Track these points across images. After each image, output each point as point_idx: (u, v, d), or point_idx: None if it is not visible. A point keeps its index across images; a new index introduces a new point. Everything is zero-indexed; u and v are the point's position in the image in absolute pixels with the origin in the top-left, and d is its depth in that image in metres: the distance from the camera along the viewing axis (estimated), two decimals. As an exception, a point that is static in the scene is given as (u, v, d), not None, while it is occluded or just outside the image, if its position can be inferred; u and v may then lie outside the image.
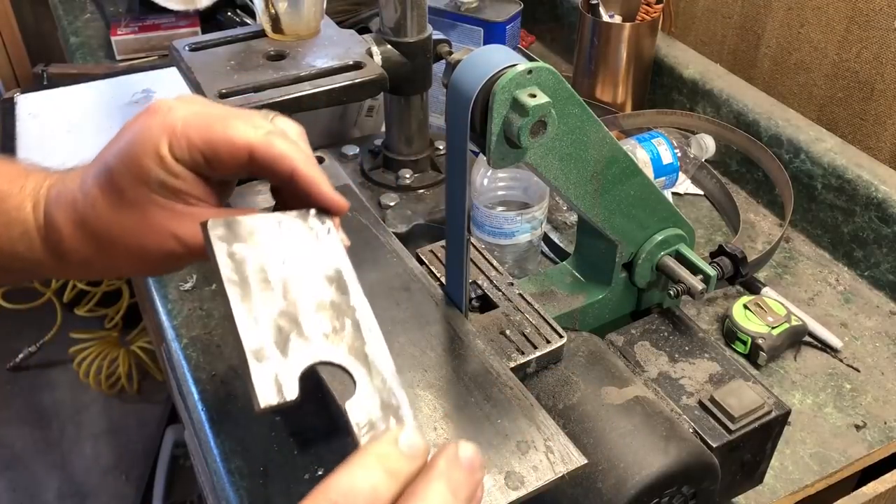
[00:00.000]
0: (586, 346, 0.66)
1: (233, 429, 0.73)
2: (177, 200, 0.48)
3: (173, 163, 0.46)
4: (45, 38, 2.06)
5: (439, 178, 0.95)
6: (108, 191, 0.48)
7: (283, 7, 0.85)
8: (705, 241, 0.99)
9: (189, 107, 0.48)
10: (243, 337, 0.41)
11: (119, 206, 0.47)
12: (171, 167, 0.47)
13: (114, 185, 0.47)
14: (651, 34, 1.12)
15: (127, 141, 0.47)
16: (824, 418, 0.78)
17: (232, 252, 0.44)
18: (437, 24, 0.96)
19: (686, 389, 0.65)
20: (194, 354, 0.81)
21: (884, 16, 0.95)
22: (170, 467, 1.77)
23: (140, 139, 0.46)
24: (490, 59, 0.56)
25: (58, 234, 0.49)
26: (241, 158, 0.47)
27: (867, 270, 0.94)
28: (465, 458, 0.38)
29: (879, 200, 0.91)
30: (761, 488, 0.71)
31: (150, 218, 0.47)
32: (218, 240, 0.45)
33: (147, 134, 0.46)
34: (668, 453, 0.57)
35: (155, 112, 0.47)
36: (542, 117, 0.56)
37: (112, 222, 0.48)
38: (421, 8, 0.85)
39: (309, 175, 0.47)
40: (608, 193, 0.66)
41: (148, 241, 0.48)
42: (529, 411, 0.54)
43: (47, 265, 0.51)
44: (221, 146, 0.46)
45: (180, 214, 0.48)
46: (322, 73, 0.83)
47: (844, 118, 1.04)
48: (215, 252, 0.44)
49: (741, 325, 0.83)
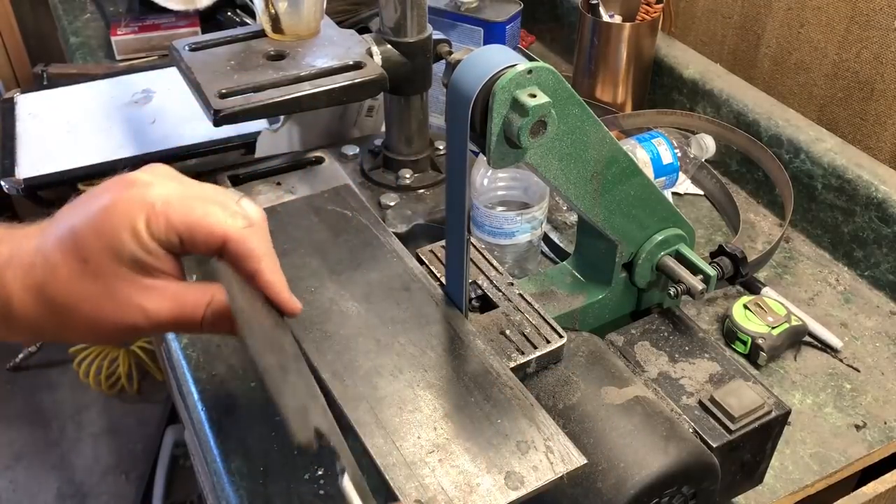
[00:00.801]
0: (586, 346, 0.66)
1: (233, 429, 0.73)
2: (144, 275, 0.48)
3: (149, 240, 0.47)
4: (45, 38, 2.06)
5: (439, 178, 0.95)
6: (72, 258, 0.47)
7: (283, 7, 0.85)
8: (705, 241, 0.99)
9: (166, 184, 0.48)
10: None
11: (82, 275, 0.46)
12: (146, 244, 0.47)
13: (79, 253, 0.46)
14: (651, 34, 1.12)
15: (99, 210, 0.47)
16: (824, 418, 0.78)
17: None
18: (437, 24, 0.96)
19: (686, 389, 0.65)
20: (194, 354, 0.81)
21: (884, 16, 0.95)
22: (170, 467, 1.77)
23: (115, 211, 0.46)
24: (490, 59, 0.56)
25: (6, 298, 0.47)
26: (214, 245, 0.48)
27: (867, 270, 0.94)
28: None
29: (879, 200, 0.91)
30: (761, 488, 0.71)
31: (114, 289, 0.47)
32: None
33: (123, 207, 0.46)
34: (668, 453, 0.57)
35: (132, 185, 0.47)
36: (542, 117, 0.56)
37: (73, 290, 0.47)
38: (421, 8, 0.85)
39: (270, 280, 0.50)
40: (608, 193, 0.66)
41: (108, 311, 0.47)
42: (529, 411, 0.54)
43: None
44: (199, 231, 0.47)
45: (147, 287, 0.48)
46: (322, 73, 0.83)
47: (844, 118, 1.04)
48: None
49: (741, 325, 0.83)
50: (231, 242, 0.48)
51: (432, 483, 0.50)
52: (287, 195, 0.89)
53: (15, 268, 0.47)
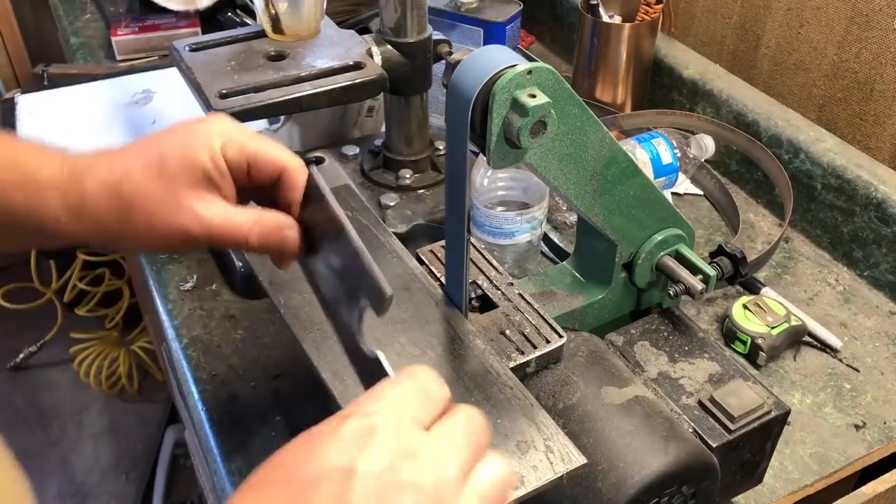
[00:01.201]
0: (586, 346, 0.66)
1: (233, 429, 0.73)
2: (207, 190, 0.54)
3: (221, 161, 0.54)
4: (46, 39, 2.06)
5: (439, 178, 0.95)
6: (149, 164, 0.54)
7: (283, 7, 0.85)
8: (705, 241, 0.99)
9: (237, 125, 0.57)
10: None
11: (155, 178, 0.53)
12: (219, 163, 0.54)
13: (157, 161, 0.54)
14: (651, 34, 1.12)
15: (182, 130, 0.55)
16: (824, 418, 0.78)
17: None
18: (437, 24, 0.96)
19: (686, 389, 0.65)
20: (194, 354, 0.81)
21: (883, 16, 0.96)
22: (170, 467, 1.78)
23: (197, 133, 0.55)
24: (490, 60, 0.56)
25: (82, 193, 0.54)
26: (274, 174, 0.56)
27: (867, 270, 0.94)
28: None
29: (879, 200, 0.91)
30: (761, 488, 0.71)
31: (179, 194, 0.53)
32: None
33: (205, 131, 0.55)
34: (668, 453, 0.57)
35: (213, 119, 0.57)
36: (541, 117, 0.56)
37: (143, 188, 0.53)
38: (421, 8, 0.85)
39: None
40: (608, 193, 0.66)
41: (168, 211, 0.53)
42: (529, 411, 0.54)
43: (63, 222, 0.55)
44: (265, 160, 0.56)
45: (205, 199, 0.54)
46: (322, 73, 0.83)
47: (844, 118, 1.05)
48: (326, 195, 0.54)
49: (741, 325, 0.83)
50: (287, 173, 0.56)
51: None
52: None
53: (94, 174, 0.54)
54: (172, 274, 0.91)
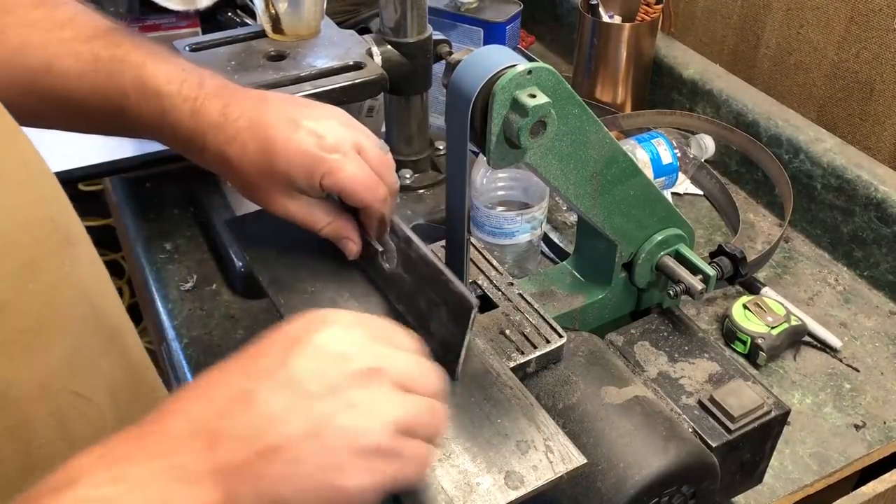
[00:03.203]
0: (586, 345, 0.66)
1: (233, 428, 0.73)
2: (299, 191, 0.61)
3: (317, 186, 0.60)
4: (46, 39, 2.06)
5: (439, 178, 0.95)
6: (261, 158, 0.60)
7: (283, 7, 0.85)
8: (705, 241, 0.99)
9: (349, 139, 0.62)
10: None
11: (262, 170, 0.60)
12: (314, 188, 0.60)
13: (270, 163, 0.60)
14: (651, 34, 1.12)
15: (297, 146, 0.60)
16: (824, 418, 0.78)
17: None
18: (437, 24, 0.96)
19: (686, 389, 0.65)
20: (194, 354, 0.81)
21: (883, 16, 0.96)
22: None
23: (305, 151, 0.59)
24: (490, 60, 0.56)
25: (202, 141, 0.61)
26: (357, 206, 0.62)
27: (867, 270, 0.94)
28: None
29: (879, 200, 0.91)
30: (761, 488, 0.71)
31: (276, 189, 0.61)
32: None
33: (314, 151, 0.60)
34: (668, 453, 0.57)
35: (330, 131, 0.61)
36: (541, 117, 0.56)
37: (249, 173, 0.60)
38: (421, 8, 0.85)
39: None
40: (608, 193, 0.66)
41: (264, 197, 0.62)
42: (529, 411, 0.54)
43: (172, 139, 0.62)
44: (350, 197, 0.61)
45: (296, 198, 0.62)
46: (322, 73, 0.83)
47: (844, 118, 1.05)
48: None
49: (741, 325, 0.83)
50: (363, 213, 0.63)
51: (432, 482, 0.50)
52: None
53: (215, 135, 0.60)
54: (172, 274, 0.91)
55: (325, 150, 0.59)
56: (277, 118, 0.60)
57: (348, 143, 0.61)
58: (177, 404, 0.41)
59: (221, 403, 0.41)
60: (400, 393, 0.44)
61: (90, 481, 0.37)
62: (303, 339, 0.44)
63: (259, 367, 0.43)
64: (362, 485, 0.41)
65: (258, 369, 0.42)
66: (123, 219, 1.01)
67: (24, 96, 0.60)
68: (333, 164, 0.59)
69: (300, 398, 0.41)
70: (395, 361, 0.45)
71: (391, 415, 0.43)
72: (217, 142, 0.60)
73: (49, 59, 0.61)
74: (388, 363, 0.44)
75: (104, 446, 0.39)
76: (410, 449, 0.43)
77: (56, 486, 0.36)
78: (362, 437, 0.41)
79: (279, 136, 0.59)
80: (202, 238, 0.95)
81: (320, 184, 0.60)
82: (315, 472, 0.40)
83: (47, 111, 0.62)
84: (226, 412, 0.40)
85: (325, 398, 0.41)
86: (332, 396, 0.42)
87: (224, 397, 0.41)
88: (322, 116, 0.62)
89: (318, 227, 0.63)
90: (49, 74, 0.61)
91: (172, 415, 0.41)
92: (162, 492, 0.38)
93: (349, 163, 0.60)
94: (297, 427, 0.40)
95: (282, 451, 0.40)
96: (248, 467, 0.39)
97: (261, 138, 0.60)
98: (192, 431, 0.40)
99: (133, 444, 0.39)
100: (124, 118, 0.62)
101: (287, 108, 0.61)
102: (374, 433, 0.42)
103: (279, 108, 0.61)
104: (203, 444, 0.39)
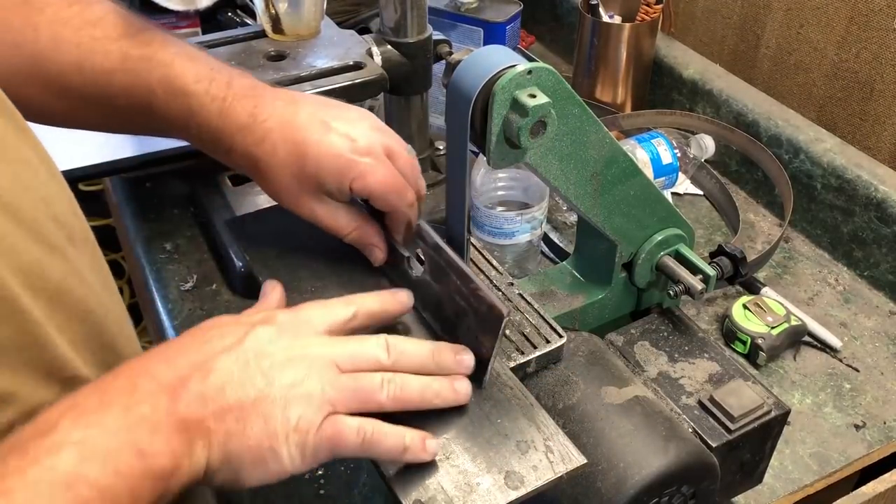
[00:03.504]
0: (586, 345, 0.66)
1: (233, 428, 0.73)
2: (327, 194, 0.61)
3: (347, 190, 0.60)
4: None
5: (439, 178, 0.95)
6: (292, 160, 0.60)
7: (283, 7, 0.86)
8: (705, 241, 0.99)
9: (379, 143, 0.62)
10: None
11: (292, 173, 0.60)
12: (343, 192, 0.61)
13: (301, 166, 0.60)
14: (651, 34, 1.12)
15: (328, 148, 0.60)
16: (824, 418, 0.78)
17: None
18: (437, 24, 0.97)
19: (686, 389, 0.65)
20: (194, 354, 0.81)
21: (883, 16, 0.96)
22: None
23: (336, 154, 0.59)
24: (490, 60, 0.56)
25: (230, 142, 0.61)
26: (385, 210, 0.63)
27: (867, 270, 0.94)
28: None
29: (879, 200, 0.91)
30: (761, 488, 0.71)
31: (305, 193, 0.61)
32: None
33: (345, 155, 0.60)
34: (668, 453, 0.57)
35: (361, 134, 0.61)
36: (541, 117, 0.56)
37: (278, 175, 0.60)
38: (421, 8, 0.85)
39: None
40: (608, 193, 0.66)
41: (292, 200, 0.62)
42: (529, 411, 0.54)
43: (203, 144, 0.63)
44: (378, 200, 0.61)
45: (324, 202, 0.62)
46: (322, 73, 0.83)
47: (844, 118, 1.05)
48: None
49: (741, 325, 0.83)
50: (389, 218, 0.63)
51: (432, 483, 0.50)
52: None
53: (244, 136, 0.61)
54: (172, 274, 0.91)
55: (356, 154, 0.59)
56: (308, 120, 0.60)
57: (379, 146, 0.60)
58: (140, 366, 0.47)
59: (184, 369, 0.47)
60: (339, 374, 0.50)
61: (65, 426, 0.41)
62: (260, 322, 0.51)
63: (219, 342, 0.49)
64: (293, 454, 0.47)
65: (219, 344, 0.49)
66: (123, 219, 1.01)
67: (56, 96, 0.62)
68: (365, 168, 0.59)
69: (253, 371, 0.48)
70: (347, 345, 0.52)
71: (328, 394, 0.48)
72: (245, 143, 0.60)
73: (80, 58, 0.61)
74: (341, 346, 0.51)
75: (74, 398, 0.43)
76: (343, 423, 0.49)
77: (38, 431, 0.41)
78: (303, 410, 0.48)
79: (310, 138, 0.59)
80: (202, 238, 0.95)
81: (350, 187, 0.60)
82: (259, 434, 0.46)
83: (78, 110, 0.63)
84: (187, 377, 0.46)
85: (274, 372, 0.48)
86: (281, 371, 0.48)
87: (186, 365, 0.47)
88: (353, 119, 0.61)
89: (343, 232, 0.63)
90: (80, 73, 0.61)
91: (138, 374, 0.46)
92: (129, 437, 0.43)
93: (380, 167, 0.60)
94: (247, 394, 0.47)
95: (233, 412, 0.46)
96: (204, 422, 0.45)
97: (291, 140, 0.60)
98: (156, 389, 0.45)
99: (101, 396, 0.44)
100: (152, 117, 0.62)
101: (318, 109, 0.61)
102: (311, 409, 0.48)
103: (310, 109, 0.61)
104: (167, 399, 0.45)
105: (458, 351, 0.55)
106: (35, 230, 0.45)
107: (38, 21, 0.61)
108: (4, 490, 0.38)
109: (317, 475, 0.71)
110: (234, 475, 0.47)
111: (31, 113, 0.58)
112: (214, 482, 0.47)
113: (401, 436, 0.49)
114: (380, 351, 0.52)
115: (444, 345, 0.56)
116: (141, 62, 0.61)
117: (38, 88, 0.62)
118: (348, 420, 0.49)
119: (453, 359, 0.54)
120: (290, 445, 0.47)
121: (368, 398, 0.50)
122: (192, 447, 0.45)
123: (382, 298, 0.58)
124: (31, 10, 0.62)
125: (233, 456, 0.46)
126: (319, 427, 0.48)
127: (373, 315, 0.57)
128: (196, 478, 0.46)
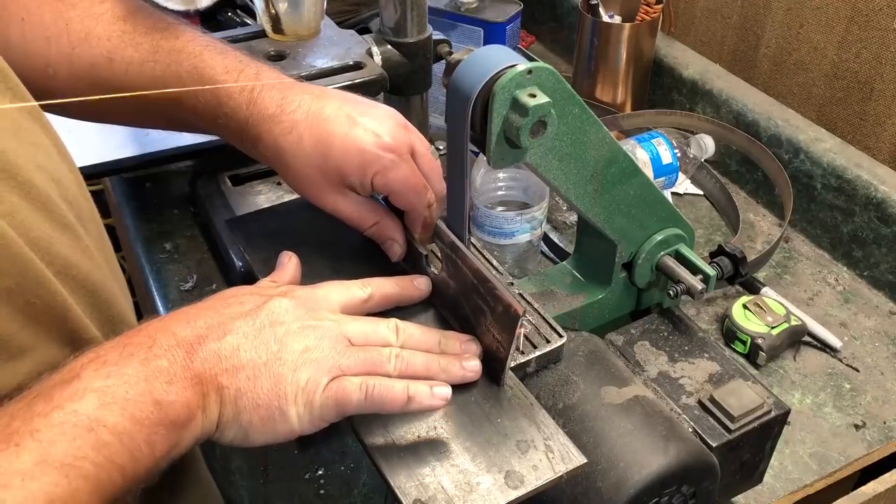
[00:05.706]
0: (586, 345, 0.66)
1: (233, 428, 0.73)
2: (350, 188, 0.62)
3: (368, 185, 0.61)
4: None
5: (439, 178, 0.95)
6: (317, 152, 0.60)
7: (283, 7, 0.86)
8: (705, 241, 0.99)
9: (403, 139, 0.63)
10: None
11: (316, 166, 0.61)
12: (365, 186, 0.61)
13: (325, 159, 0.60)
14: (651, 34, 1.12)
15: (354, 144, 0.60)
16: (824, 418, 0.78)
17: None
18: (437, 24, 0.97)
19: (686, 389, 0.65)
20: (195, 354, 0.81)
21: (883, 16, 0.96)
22: (170, 467, 1.77)
23: (361, 149, 0.60)
24: (490, 60, 0.56)
25: (256, 132, 0.62)
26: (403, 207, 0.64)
27: (866, 270, 0.94)
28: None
29: (879, 200, 0.91)
30: (761, 488, 0.71)
31: (328, 186, 0.62)
32: None
33: (370, 149, 0.60)
34: (668, 453, 0.57)
35: (385, 128, 0.62)
36: (542, 117, 0.56)
37: (302, 168, 0.61)
38: (421, 8, 0.85)
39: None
40: (608, 193, 0.66)
41: (315, 193, 0.62)
42: (529, 411, 0.54)
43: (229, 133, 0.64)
44: (397, 198, 0.62)
45: (347, 195, 0.63)
46: (322, 73, 0.83)
47: (844, 118, 1.05)
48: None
49: (741, 325, 0.83)
50: (407, 216, 0.63)
51: (432, 482, 0.50)
52: (288, 195, 0.90)
53: (271, 127, 0.61)
54: (172, 274, 0.91)
55: (381, 149, 0.60)
56: (335, 114, 0.61)
57: (404, 145, 0.62)
58: (161, 324, 0.49)
59: (202, 329, 0.49)
60: (350, 346, 0.52)
61: (87, 375, 0.44)
62: (279, 294, 0.53)
63: (238, 308, 0.52)
64: (301, 413, 0.49)
65: (238, 310, 0.51)
66: (123, 219, 1.01)
67: (87, 89, 0.63)
68: (387, 163, 0.60)
69: (267, 336, 0.50)
70: (359, 323, 0.54)
71: (338, 361, 0.51)
72: (272, 133, 0.61)
73: (111, 50, 0.63)
74: (353, 323, 0.54)
75: (97, 350, 0.46)
76: (347, 381, 0.50)
77: (63, 380, 0.43)
78: (312, 373, 0.50)
79: (337, 130, 0.60)
80: (202, 238, 0.95)
81: (371, 182, 0.61)
82: (269, 394, 0.49)
83: (109, 104, 0.63)
84: (204, 336, 0.49)
85: (288, 339, 0.50)
86: (294, 338, 0.51)
87: (204, 325, 0.49)
88: (380, 116, 0.62)
89: (364, 226, 0.64)
90: (111, 65, 0.63)
91: (158, 331, 0.48)
92: (146, 386, 0.45)
93: (402, 164, 0.61)
94: (260, 356, 0.49)
95: (245, 371, 0.49)
96: (217, 377, 0.48)
97: (317, 133, 0.61)
98: (174, 344, 0.47)
99: (122, 349, 0.46)
100: (181, 109, 0.63)
101: (346, 104, 0.62)
102: (319, 373, 0.50)
103: (337, 104, 0.62)
104: (184, 354, 0.47)
105: (465, 339, 0.56)
106: (48, 208, 0.47)
107: (69, 16, 0.63)
108: (31, 430, 0.40)
109: (317, 475, 0.71)
110: (244, 433, 0.49)
111: (63, 106, 0.59)
112: (224, 439, 0.49)
113: (404, 386, 0.51)
114: (389, 333, 0.54)
115: (451, 333, 0.57)
116: (171, 54, 0.62)
117: (70, 82, 0.63)
118: (352, 378, 0.51)
119: (459, 346, 0.56)
120: (298, 406, 0.49)
121: (376, 370, 0.51)
122: (205, 400, 0.47)
123: (400, 282, 0.59)
124: (63, 6, 0.63)
125: (243, 413, 0.48)
126: (325, 387, 0.50)
127: (389, 298, 0.58)
128: (207, 432, 0.48)
